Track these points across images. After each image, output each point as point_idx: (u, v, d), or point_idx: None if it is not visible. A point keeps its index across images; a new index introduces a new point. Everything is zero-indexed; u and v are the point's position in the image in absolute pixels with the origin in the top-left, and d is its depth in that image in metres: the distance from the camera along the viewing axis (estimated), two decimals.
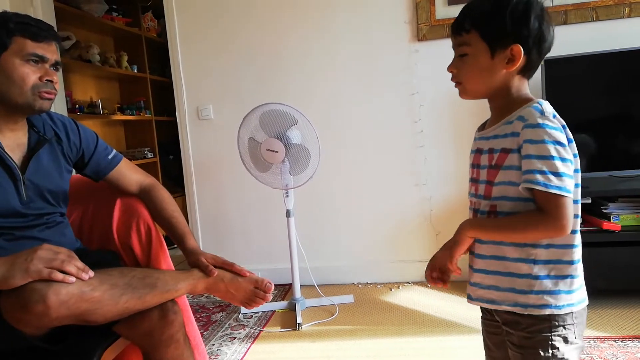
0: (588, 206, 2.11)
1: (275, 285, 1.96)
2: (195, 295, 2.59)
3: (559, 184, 0.83)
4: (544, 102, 0.90)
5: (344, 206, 2.70)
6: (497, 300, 0.94)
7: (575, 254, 0.91)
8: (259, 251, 2.80)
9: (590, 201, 2.09)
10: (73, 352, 1.14)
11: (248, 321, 2.27)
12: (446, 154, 2.56)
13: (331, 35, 2.60)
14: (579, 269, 0.92)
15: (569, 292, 0.90)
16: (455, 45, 0.95)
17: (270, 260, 2.76)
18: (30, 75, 1.19)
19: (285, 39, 2.65)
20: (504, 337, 0.99)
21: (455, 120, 2.52)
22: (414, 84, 2.55)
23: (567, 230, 0.85)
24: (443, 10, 2.46)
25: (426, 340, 1.93)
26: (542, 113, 0.88)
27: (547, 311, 0.89)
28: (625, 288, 2.15)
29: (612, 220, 2.03)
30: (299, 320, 2.16)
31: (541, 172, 0.83)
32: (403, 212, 2.64)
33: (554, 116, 0.89)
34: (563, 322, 0.90)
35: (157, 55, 4.34)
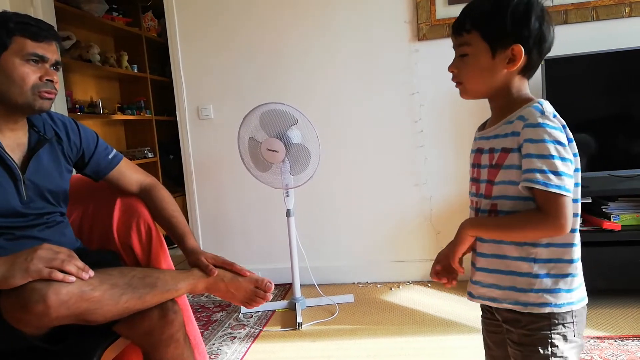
0: (588, 206, 2.11)
1: (276, 284, 1.96)
2: (195, 294, 2.58)
3: (558, 183, 0.83)
4: (544, 102, 0.91)
5: (344, 206, 2.70)
6: (498, 298, 0.95)
7: (575, 252, 0.92)
8: (259, 251, 2.80)
9: (590, 201, 2.09)
10: (73, 352, 1.14)
11: (248, 321, 2.27)
12: (446, 153, 2.56)
13: (331, 33, 2.60)
14: (579, 268, 0.93)
15: (568, 291, 0.91)
16: (456, 45, 0.96)
17: (271, 260, 2.76)
18: (31, 75, 1.19)
19: (285, 37, 2.65)
20: (504, 336, 0.99)
21: (455, 120, 2.52)
22: (414, 84, 2.55)
23: (567, 229, 0.85)
24: (443, 10, 2.46)
25: (426, 340, 1.93)
26: (543, 113, 0.88)
27: (547, 309, 0.90)
28: (625, 287, 2.15)
29: (612, 220, 2.03)
30: (299, 319, 2.17)
31: (541, 171, 0.84)
32: (403, 212, 2.64)
33: (554, 116, 0.89)
34: (563, 321, 0.90)
35: (157, 55, 4.34)
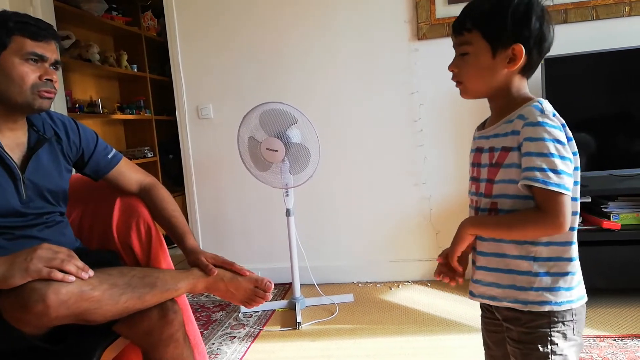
0: (588, 205, 2.11)
1: (275, 284, 1.96)
2: (195, 294, 2.58)
3: (557, 181, 0.84)
4: (544, 101, 0.91)
5: (344, 205, 2.70)
6: (498, 297, 0.95)
7: (574, 251, 0.92)
8: (258, 250, 2.80)
9: (590, 200, 2.09)
10: (73, 352, 1.14)
11: (248, 320, 2.27)
12: (446, 153, 2.56)
13: (332, 33, 2.60)
14: (577, 266, 0.93)
15: (568, 289, 0.91)
16: (456, 44, 0.96)
17: (270, 260, 2.76)
18: (30, 75, 1.19)
19: (285, 37, 2.65)
20: (503, 335, 0.99)
21: (454, 119, 2.52)
22: (413, 83, 2.55)
23: (565, 228, 0.86)
24: (443, 10, 2.46)
25: (426, 339, 1.93)
26: (542, 111, 0.88)
27: (547, 308, 0.90)
28: (624, 287, 2.16)
29: (612, 219, 2.03)
30: (298, 319, 2.17)
31: (540, 170, 0.84)
32: (403, 211, 2.64)
33: (554, 115, 0.89)
34: (562, 319, 0.91)
35: (157, 55, 4.34)
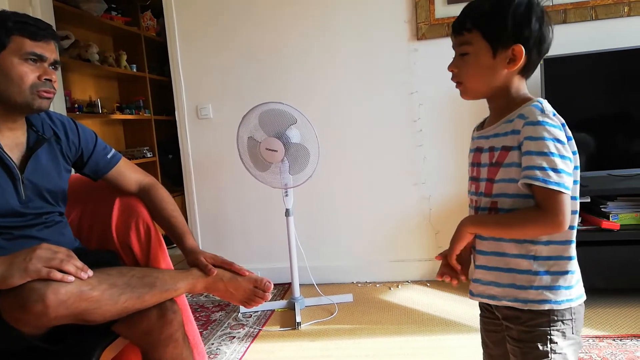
0: (587, 205, 2.11)
1: (275, 284, 1.96)
2: (194, 294, 2.58)
3: (557, 180, 0.84)
4: (543, 101, 0.91)
5: (343, 205, 2.70)
6: (497, 296, 0.95)
7: (573, 250, 0.93)
8: (258, 250, 2.80)
9: (589, 200, 2.09)
10: (72, 352, 1.13)
11: (247, 320, 2.27)
12: (445, 153, 2.56)
13: (331, 33, 2.60)
14: (576, 265, 0.94)
15: (568, 288, 0.91)
16: (456, 44, 0.96)
17: (270, 260, 2.76)
18: (29, 74, 1.19)
19: (285, 37, 2.64)
20: (502, 335, 1.00)
21: (454, 119, 2.52)
22: (413, 83, 2.55)
23: (565, 226, 0.86)
24: (442, 10, 2.46)
25: (425, 339, 1.93)
26: (543, 111, 0.89)
27: (547, 306, 0.90)
28: (624, 287, 2.16)
29: (611, 219, 2.03)
30: (298, 319, 2.17)
31: (540, 168, 0.84)
32: (402, 211, 2.64)
33: (554, 114, 0.90)
34: (562, 317, 0.91)
35: (156, 55, 4.34)
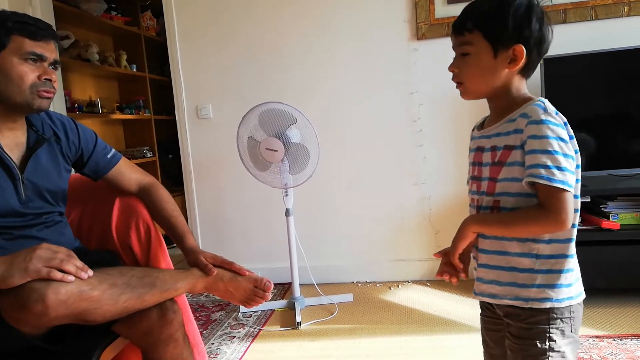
0: (587, 205, 2.11)
1: (275, 284, 1.96)
2: (194, 294, 2.58)
3: (561, 178, 0.84)
4: (545, 100, 0.92)
5: (343, 205, 2.70)
6: (499, 294, 0.96)
7: (573, 248, 0.93)
8: (258, 250, 2.80)
9: (589, 200, 2.09)
10: (72, 352, 1.13)
11: (247, 320, 2.27)
12: (445, 153, 2.56)
13: (331, 32, 2.60)
14: (576, 263, 0.94)
15: (568, 286, 0.92)
16: (457, 44, 0.96)
17: (270, 259, 2.76)
18: (29, 74, 1.19)
19: (285, 37, 2.64)
20: (503, 334, 1.00)
21: (454, 119, 2.52)
22: (413, 83, 2.55)
23: (568, 225, 0.86)
24: (442, 10, 2.46)
25: (425, 339, 1.93)
26: (545, 110, 0.89)
27: (548, 304, 0.91)
28: (624, 287, 2.16)
29: (611, 219, 2.03)
30: (298, 319, 2.17)
31: (545, 167, 0.85)
32: (402, 211, 2.64)
33: (556, 113, 0.90)
34: (561, 315, 0.92)
35: (156, 54, 4.34)
